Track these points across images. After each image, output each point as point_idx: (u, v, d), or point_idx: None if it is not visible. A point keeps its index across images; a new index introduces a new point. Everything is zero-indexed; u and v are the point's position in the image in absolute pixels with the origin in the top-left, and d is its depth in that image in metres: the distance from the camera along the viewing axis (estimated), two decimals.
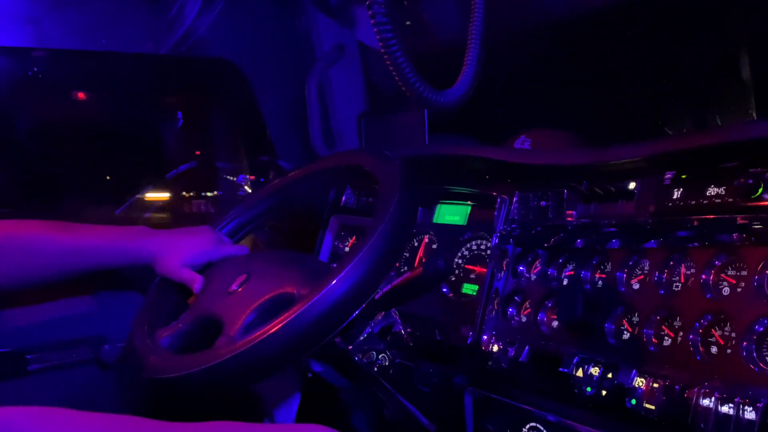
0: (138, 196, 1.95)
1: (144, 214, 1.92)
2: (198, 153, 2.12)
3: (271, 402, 1.17)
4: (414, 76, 0.95)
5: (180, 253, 1.09)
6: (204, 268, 1.11)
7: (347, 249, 1.49)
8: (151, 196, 1.98)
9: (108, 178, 1.94)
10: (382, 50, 0.93)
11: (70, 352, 1.26)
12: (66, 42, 1.60)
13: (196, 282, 1.06)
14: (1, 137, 1.70)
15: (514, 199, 1.12)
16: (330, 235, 1.51)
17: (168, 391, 0.91)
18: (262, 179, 2.06)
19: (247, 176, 2.08)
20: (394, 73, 0.97)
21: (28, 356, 1.19)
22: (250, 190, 2.05)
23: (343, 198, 1.50)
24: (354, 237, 1.50)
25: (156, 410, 1.32)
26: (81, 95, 1.93)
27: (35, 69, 1.72)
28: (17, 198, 1.72)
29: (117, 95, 1.85)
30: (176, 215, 1.99)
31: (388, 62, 0.94)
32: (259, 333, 0.80)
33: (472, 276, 1.22)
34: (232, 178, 2.13)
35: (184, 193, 2.02)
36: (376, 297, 0.91)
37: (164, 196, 1.99)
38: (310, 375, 1.16)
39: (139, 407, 1.32)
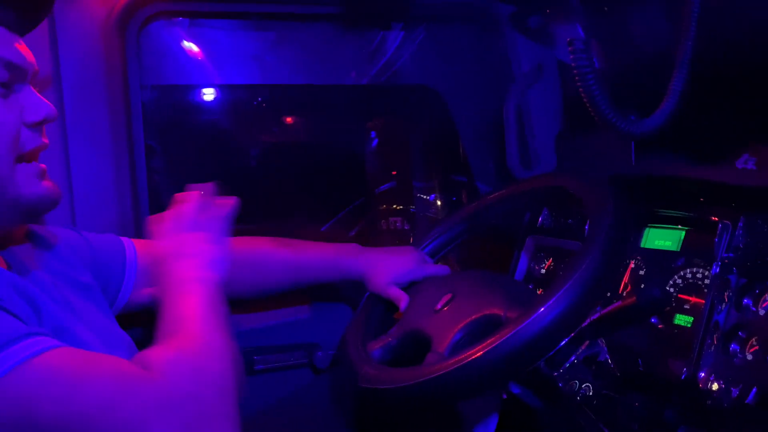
0: (341, 214, 2.11)
1: (347, 231, 2.07)
2: (394, 173, 2.24)
3: (471, 420, 1.19)
4: (607, 108, 0.93)
5: (388, 271, 1.17)
6: (408, 286, 1.17)
7: (543, 271, 1.47)
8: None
9: (316, 198, 2.12)
10: (578, 83, 0.93)
11: (288, 355, 1.39)
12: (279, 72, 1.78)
13: (403, 300, 1.12)
14: (237, 162, 1.96)
15: (739, 225, 1.03)
16: (525, 256, 1.50)
17: (379, 401, 0.97)
18: (453, 198, 2.12)
19: (436, 195, 2.16)
20: (588, 105, 0.97)
21: (256, 357, 1.35)
22: (440, 207, 2.13)
23: (540, 218, 1.49)
24: (551, 259, 1.47)
25: (363, 416, 1.42)
26: (293, 122, 2.15)
27: (259, 99, 1.96)
28: (251, 214, 1.95)
29: (326, 123, 2.03)
30: (375, 232, 2.11)
31: (582, 94, 0.94)
32: (471, 352, 0.82)
33: (687, 306, 1.13)
34: (425, 196, 2.22)
35: (382, 209, 2.15)
36: (584, 324, 0.89)
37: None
38: (505, 396, 1.16)
39: (348, 411, 1.42)
